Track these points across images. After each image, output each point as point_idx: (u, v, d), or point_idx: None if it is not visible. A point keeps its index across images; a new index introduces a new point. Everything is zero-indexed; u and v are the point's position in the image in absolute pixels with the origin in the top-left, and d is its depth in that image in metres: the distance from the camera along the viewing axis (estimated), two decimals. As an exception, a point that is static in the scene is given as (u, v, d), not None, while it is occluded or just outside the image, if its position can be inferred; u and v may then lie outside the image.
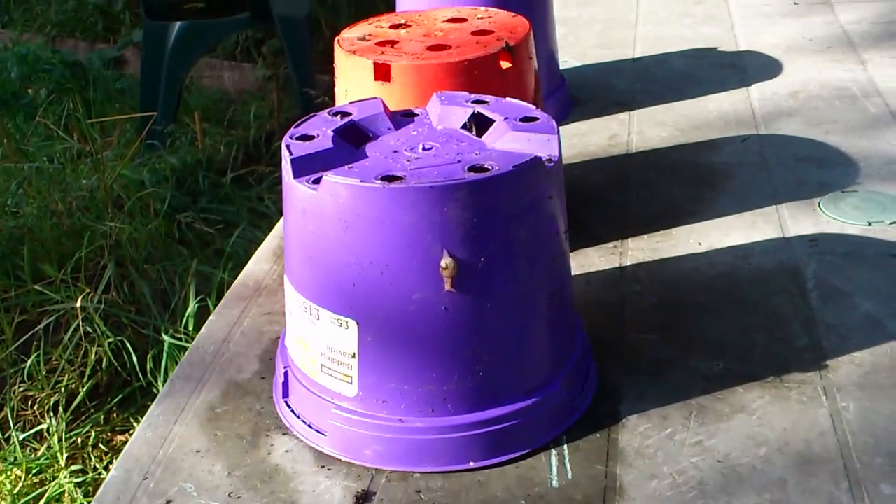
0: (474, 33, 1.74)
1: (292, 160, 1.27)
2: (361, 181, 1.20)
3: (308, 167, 1.27)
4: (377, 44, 1.70)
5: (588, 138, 2.30)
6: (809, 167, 2.11)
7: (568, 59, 2.79)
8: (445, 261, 1.20)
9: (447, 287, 1.21)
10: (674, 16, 3.17)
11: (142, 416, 2.16)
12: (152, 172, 3.07)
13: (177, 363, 2.15)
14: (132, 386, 2.21)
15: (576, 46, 2.91)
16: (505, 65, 1.67)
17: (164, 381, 2.14)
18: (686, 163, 2.16)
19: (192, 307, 2.27)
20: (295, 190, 1.27)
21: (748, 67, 2.70)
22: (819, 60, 2.72)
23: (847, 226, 1.86)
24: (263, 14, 3.64)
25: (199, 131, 3.48)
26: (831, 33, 2.92)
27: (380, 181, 1.20)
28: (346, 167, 1.26)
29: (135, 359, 2.19)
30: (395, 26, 1.81)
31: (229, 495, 1.26)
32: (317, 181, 1.24)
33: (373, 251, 1.22)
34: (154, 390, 2.20)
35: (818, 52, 2.78)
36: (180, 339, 2.19)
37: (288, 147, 1.31)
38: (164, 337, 2.19)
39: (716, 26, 3.04)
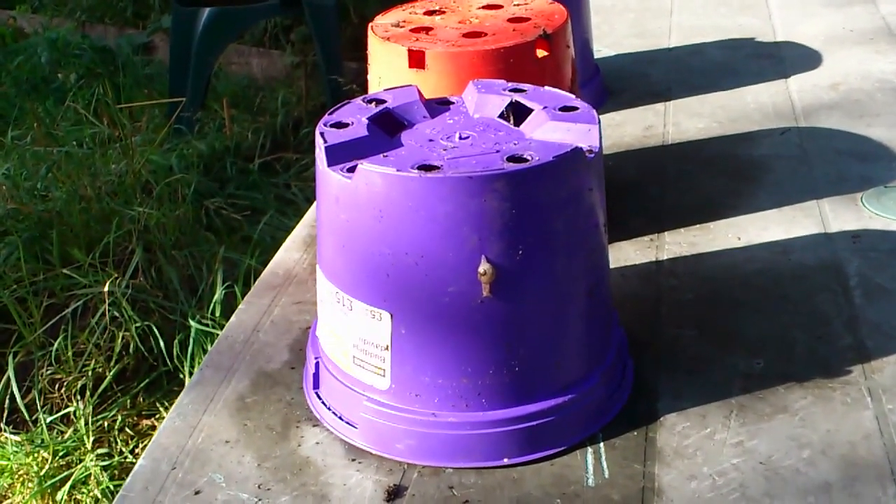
0: (510, 20, 1.71)
1: (326, 148, 1.25)
2: (397, 170, 1.18)
3: (342, 155, 1.25)
4: (411, 30, 1.68)
5: (623, 129, 2.26)
6: (851, 161, 2.06)
7: (602, 48, 2.74)
8: (484, 267, 1.17)
9: (485, 293, 1.18)
10: (709, 5, 3.11)
11: (168, 401, 2.17)
12: (180, 158, 3.06)
13: (203, 349, 2.15)
14: (158, 371, 2.21)
15: (609, 35, 2.86)
16: (541, 53, 1.63)
17: (191, 366, 2.14)
18: (724, 155, 2.11)
19: (219, 293, 2.26)
20: (329, 178, 1.24)
21: (786, 58, 2.64)
22: (860, 52, 2.65)
23: (891, 222, 1.81)
24: (292, 1, 3.62)
25: (227, 118, 3.47)
26: (873, 24, 2.85)
27: (416, 170, 1.17)
28: (381, 156, 1.24)
29: (162, 344, 2.19)
30: (430, 13, 1.78)
31: (259, 487, 1.24)
32: (351, 169, 1.22)
33: (408, 242, 1.19)
34: (180, 375, 2.19)
35: (859, 44, 2.71)
36: (207, 325, 2.18)
37: (322, 134, 1.28)
38: (191, 322, 2.19)
39: (752, 16, 2.98)
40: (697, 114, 2.33)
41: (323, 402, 1.37)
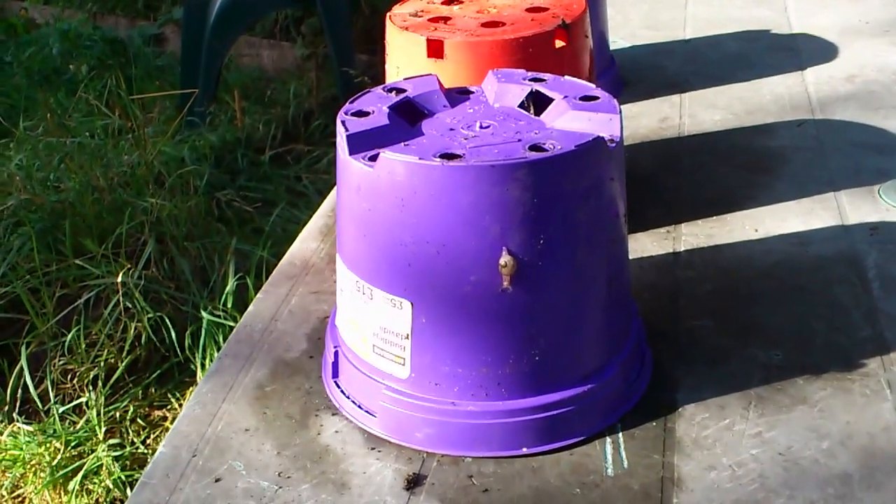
0: (529, 10, 1.70)
1: (348, 136, 1.24)
2: (420, 159, 1.17)
3: (364, 144, 1.24)
4: (430, 20, 1.67)
5: (639, 121, 2.25)
6: (868, 153, 2.05)
7: (617, 39, 2.73)
8: (504, 259, 1.17)
9: (505, 284, 1.18)
10: (724, -3, 3.10)
11: (179, 392, 2.17)
12: (192, 150, 3.07)
13: (215, 340, 2.16)
14: (170, 362, 2.22)
15: (624, 27, 2.85)
16: (560, 43, 1.63)
17: (203, 357, 2.14)
18: (740, 147, 2.10)
19: (231, 285, 2.27)
20: (350, 167, 1.24)
21: (802, 50, 2.62)
22: (876, 44, 2.64)
23: (908, 214, 1.80)
24: (304, -8, 3.62)
25: (238, 109, 3.47)
26: (889, 16, 2.84)
27: (438, 159, 1.17)
28: (402, 144, 1.23)
29: (173, 335, 2.19)
30: (448, 2, 1.77)
31: (279, 475, 1.24)
32: (373, 158, 1.21)
33: (429, 231, 1.19)
34: (192, 367, 2.20)
35: (875, 36, 2.70)
36: (219, 317, 2.18)
37: (343, 123, 1.28)
38: (203, 314, 2.19)
39: (768, 8, 2.96)
40: (713, 105, 2.32)
41: (342, 391, 1.37)
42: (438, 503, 1.19)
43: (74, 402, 2.11)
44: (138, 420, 2.13)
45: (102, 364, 2.17)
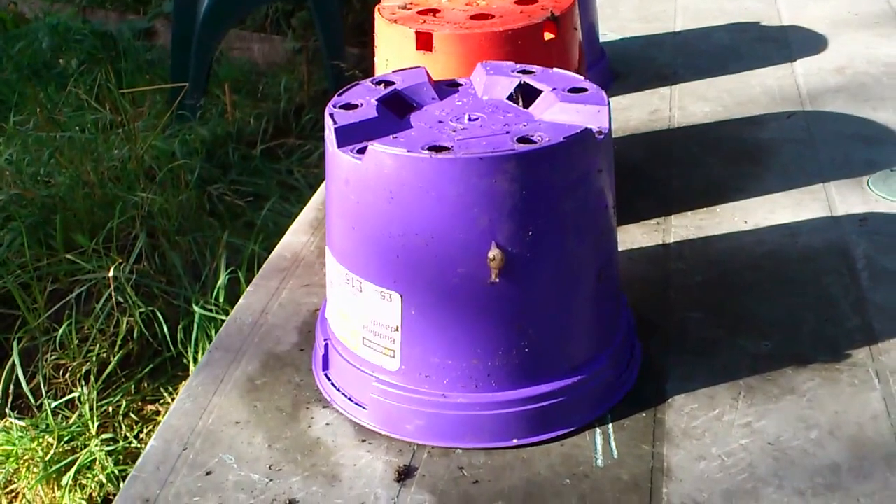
0: (518, 2, 1.70)
1: (336, 129, 1.24)
2: (408, 151, 1.17)
3: (352, 136, 1.24)
4: (419, 12, 1.67)
5: (629, 113, 2.25)
6: (857, 144, 2.06)
7: (607, 31, 2.73)
8: (493, 252, 1.17)
9: (493, 278, 1.18)
10: (714, -11, 3.10)
11: (172, 387, 2.17)
12: (183, 144, 3.06)
13: (207, 334, 2.15)
14: (163, 356, 2.22)
15: (614, 19, 2.85)
16: (549, 35, 1.63)
17: (195, 352, 2.14)
18: (730, 139, 2.11)
19: (222, 279, 2.26)
20: (338, 160, 1.24)
21: (792, 42, 2.63)
22: (866, 35, 2.65)
23: (897, 205, 1.81)
24: (294, -15, 3.60)
25: (228, 103, 3.46)
26: (878, 8, 2.84)
27: (427, 151, 1.17)
28: (391, 137, 1.23)
29: (165, 329, 2.19)
30: (437, -6, 1.77)
31: (270, 467, 1.25)
32: (361, 151, 1.21)
33: (418, 223, 1.19)
34: (184, 361, 2.20)
35: (864, 27, 2.70)
36: (211, 311, 2.18)
37: (332, 116, 1.28)
38: (195, 308, 2.18)
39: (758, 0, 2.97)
40: (703, 97, 2.32)
41: (332, 384, 1.37)
42: (429, 495, 1.20)
43: (67, 397, 2.11)
44: (131, 414, 2.13)
45: (94, 359, 2.17)
